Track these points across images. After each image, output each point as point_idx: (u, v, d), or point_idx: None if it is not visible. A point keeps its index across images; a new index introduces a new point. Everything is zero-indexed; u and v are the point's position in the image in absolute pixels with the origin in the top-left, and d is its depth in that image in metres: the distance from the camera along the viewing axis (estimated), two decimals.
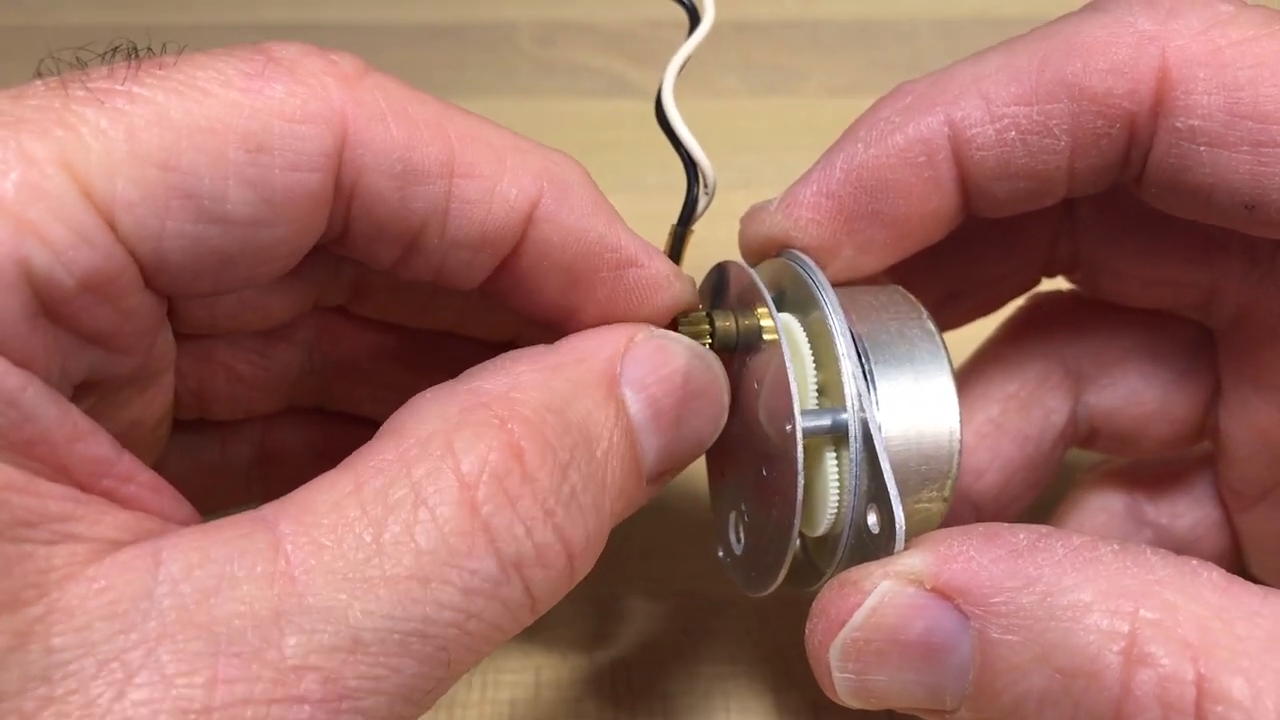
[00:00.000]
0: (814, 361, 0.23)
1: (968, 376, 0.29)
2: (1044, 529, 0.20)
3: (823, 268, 0.24)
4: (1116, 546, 0.19)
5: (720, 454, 0.25)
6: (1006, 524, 0.20)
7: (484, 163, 0.21)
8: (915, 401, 0.22)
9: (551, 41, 0.54)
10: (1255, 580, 0.26)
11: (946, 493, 0.23)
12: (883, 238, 0.24)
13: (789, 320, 0.24)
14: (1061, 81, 0.22)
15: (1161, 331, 0.28)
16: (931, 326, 0.23)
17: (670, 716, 0.29)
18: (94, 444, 0.18)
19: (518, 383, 0.20)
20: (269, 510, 0.18)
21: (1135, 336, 0.28)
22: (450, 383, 0.20)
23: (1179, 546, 0.29)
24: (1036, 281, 0.29)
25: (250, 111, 0.19)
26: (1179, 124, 0.22)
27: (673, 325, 0.24)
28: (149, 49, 0.20)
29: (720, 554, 0.26)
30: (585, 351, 0.21)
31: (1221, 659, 0.17)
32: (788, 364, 0.22)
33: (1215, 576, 0.18)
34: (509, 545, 0.18)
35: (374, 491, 0.18)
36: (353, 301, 0.26)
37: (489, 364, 0.21)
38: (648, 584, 0.32)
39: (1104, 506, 0.30)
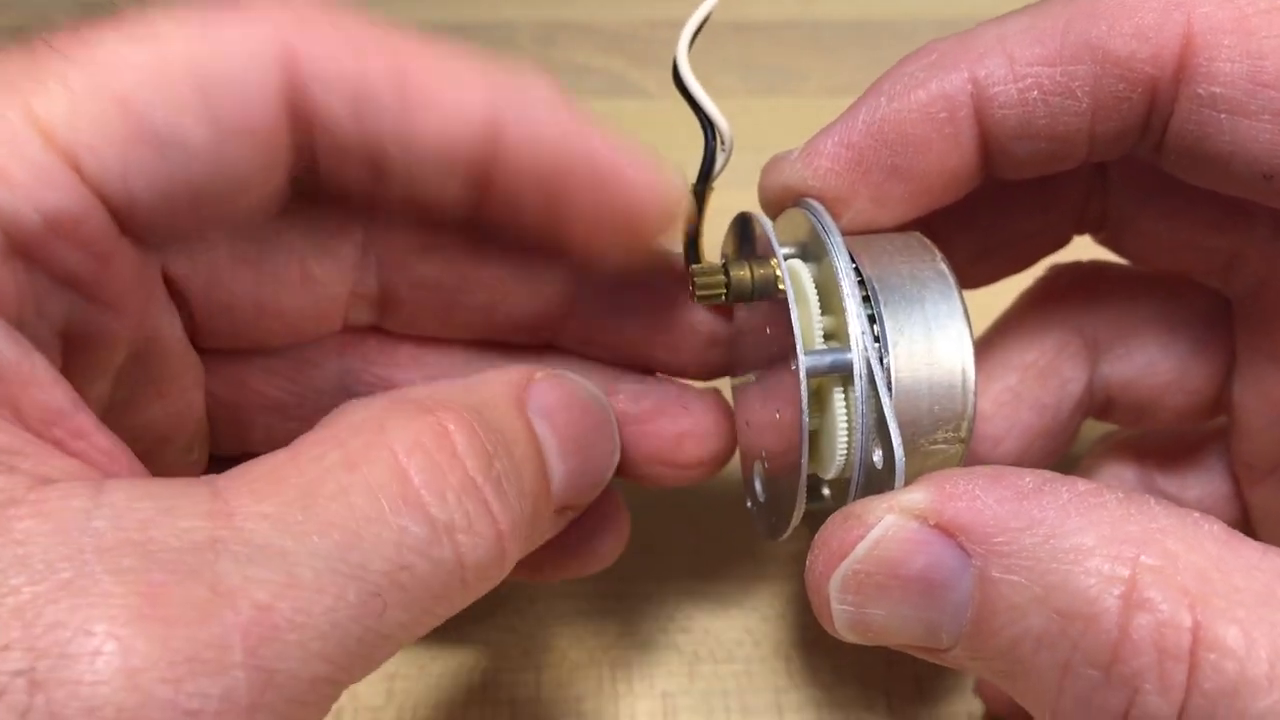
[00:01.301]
0: (820, 306, 0.23)
1: (986, 346, 0.29)
2: (1050, 474, 0.20)
3: (838, 218, 0.24)
4: (1121, 494, 0.19)
5: (743, 405, 0.26)
6: (1013, 467, 0.20)
7: (436, 78, 0.21)
8: (925, 339, 0.22)
9: (551, 41, 0.54)
10: None
11: (963, 433, 0.23)
12: (900, 192, 0.24)
13: (798, 266, 0.24)
14: (1086, 44, 0.22)
15: (1179, 302, 0.28)
16: (945, 268, 0.23)
17: (670, 716, 0.29)
18: (51, 393, 0.19)
19: (437, 389, 0.21)
20: (210, 477, 0.18)
21: (1153, 307, 0.29)
22: (375, 395, 0.21)
23: None
24: (1068, 239, 0.29)
25: (202, 49, 0.20)
26: (1200, 90, 0.22)
27: (689, 272, 0.24)
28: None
29: (748, 504, 0.26)
30: (492, 376, 0.23)
31: (1218, 608, 0.17)
32: (791, 306, 0.22)
33: (1216, 529, 0.18)
34: (440, 511, 0.19)
35: (310, 459, 0.18)
36: (381, 315, 0.26)
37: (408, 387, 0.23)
38: (648, 584, 0.32)
39: (1115, 475, 0.30)
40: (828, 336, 0.23)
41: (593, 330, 0.27)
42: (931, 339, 0.22)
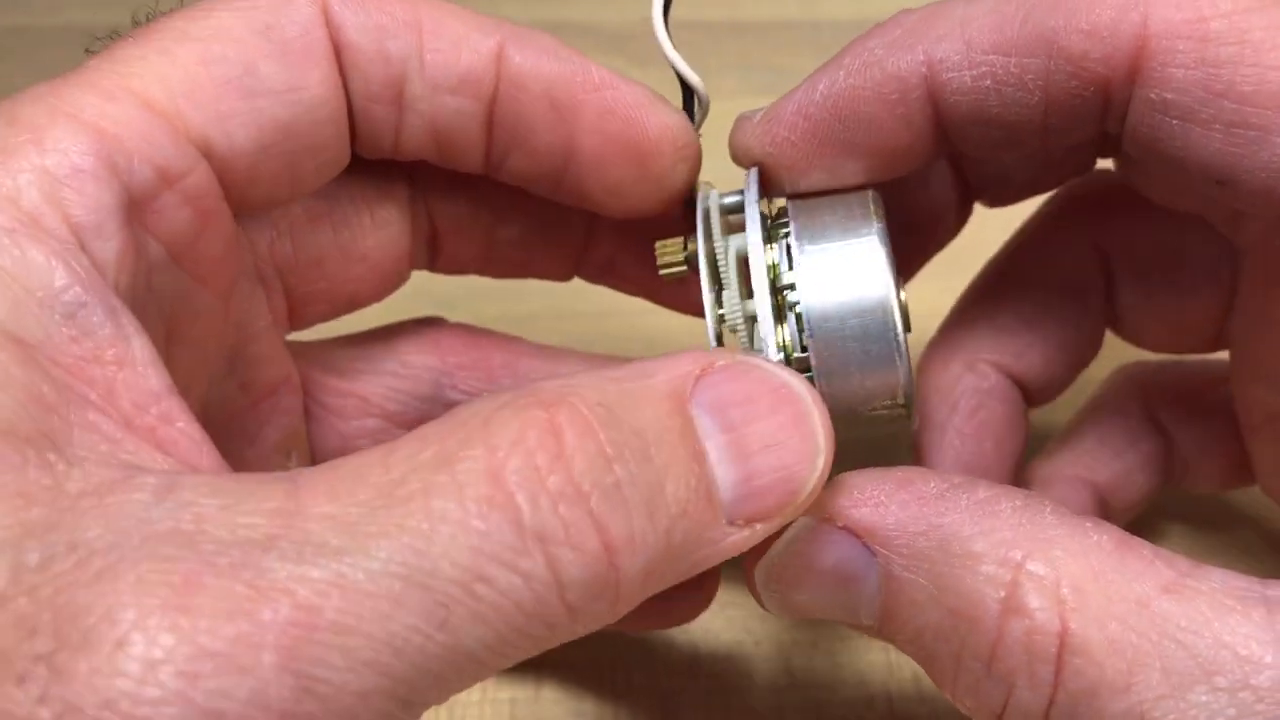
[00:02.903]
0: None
1: (1005, 264, 0.30)
2: (958, 479, 0.21)
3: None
4: (1019, 503, 0.20)
5: None
6: (923, 471, 0.21)
7: (448, 21, 0.24)
8: (848, 311, 0.22)
9: None
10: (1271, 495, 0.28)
11: (901, 399, 0.22)
12: (853, 167, 0.24)
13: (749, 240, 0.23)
14: (1040, 37, 0.22)
15: (1191, 236, 0.28)
16: (876, 232, 0.23)
17: (670, 716, 0.29)
18: (146, 376, 0.19)
19: (572, 383, 0.19)
20: (296, 470, 0.18)
21: (1164, 237, 0.29)
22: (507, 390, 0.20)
23: (1191, 456, 0.31)
24: (1093, 164, 0.29)
25: (254, 9, 0.22)
26: (1153, 95, 0.22)
27: (684, 222, 0.25)
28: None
29: None
30: (653, 368, 0.20)
31: (1090, 616, 0.19)
32: (705, 292, 0.23)
33: (1105, 539, 0.20)
34: (530, 515, 0.16)
35: (402, 457, 0.17)
36: (432, 257, 0.28)
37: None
38: None
39: (1120, 409, 0.31)
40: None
41: (620, 264, 0.29)
42: (858, 306, 0.22)
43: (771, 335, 0.22)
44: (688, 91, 0.25)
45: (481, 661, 0.17)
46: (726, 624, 0.31)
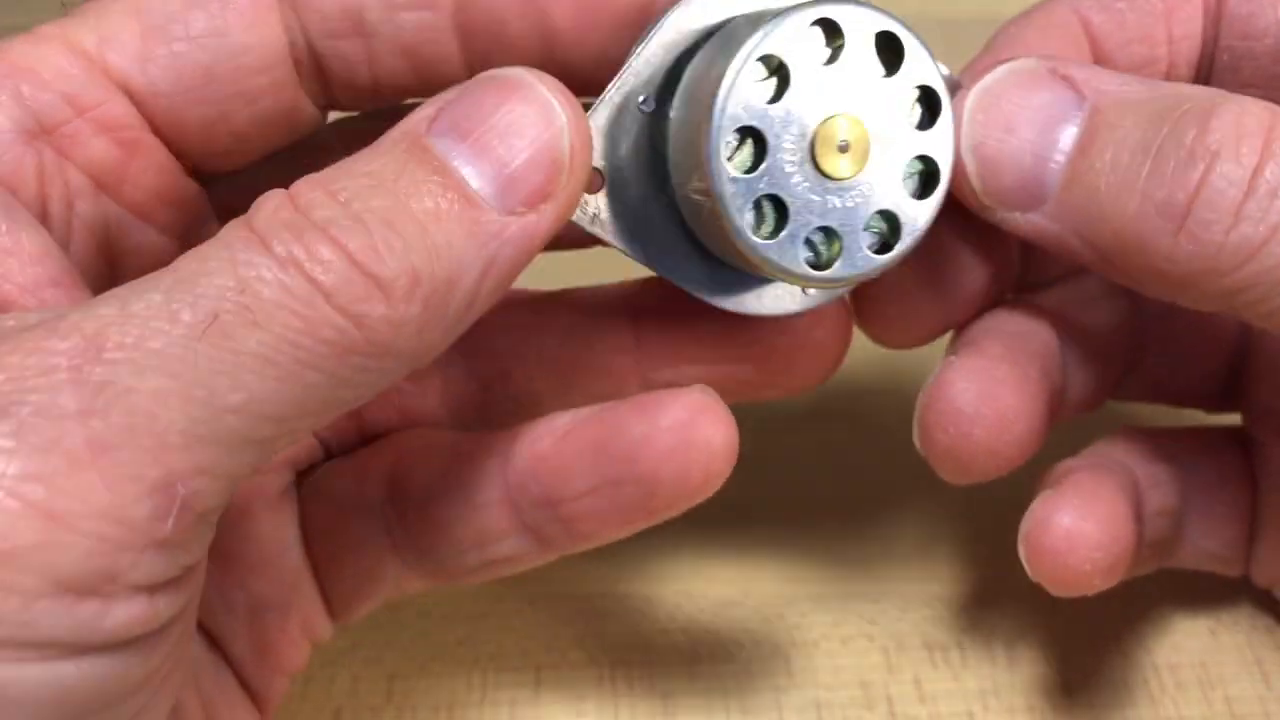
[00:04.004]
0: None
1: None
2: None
3: None
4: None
5: None
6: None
7: None
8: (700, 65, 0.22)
9: None
10: None
11: (708, 184, 0.22)
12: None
13: None
14: None
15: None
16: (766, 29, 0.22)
17: (670, 716, 0.29)
18: (40, 263, 0.21)
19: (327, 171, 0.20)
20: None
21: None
22: None
23: None
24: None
25: None
26: None
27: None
28: None
29: None
30: (392, 129, 0.21)
31: None
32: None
33: None
34: (278, 245, 0.18)
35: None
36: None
37: None
38: (648, 584, 0.32)
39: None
40: None
41: None
42: (694, 96, 0.22)
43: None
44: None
45: (280, 370, 0.18)
46: (727, 625, 0.31)
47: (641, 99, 0.23)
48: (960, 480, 0.25)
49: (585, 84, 0.24)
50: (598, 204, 0.24)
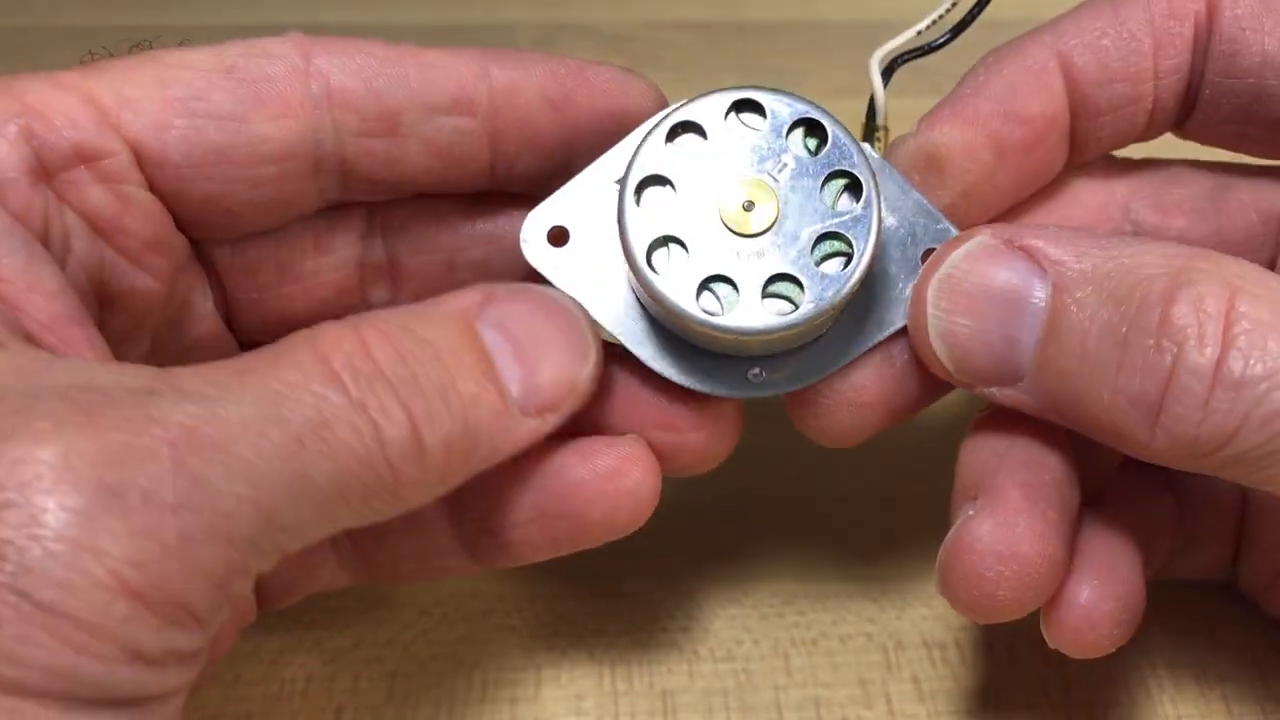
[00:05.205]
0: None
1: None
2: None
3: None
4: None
5: None
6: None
7: (427, 54, 0.26)
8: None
9: (551, 41, 0.54)
10: None
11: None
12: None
13: None
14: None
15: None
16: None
17: (670, 716, 0.29)
18: (57, 300, 0.22)
19: (372, 313, 0.22)
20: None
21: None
22: None
23: None
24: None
25: (228, 51, 0.25)
26: (1227, 14, 0.26)
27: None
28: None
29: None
30: (444, 298, 0.24)
31: (1252, 294, 0.21)
32: None
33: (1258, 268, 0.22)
34: (354, 387, 0.20)
35: (242, 357, 0.21)
36: (394, 289, 0.29)
37: None
38: (648, 582, 0.32)
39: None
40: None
41: None
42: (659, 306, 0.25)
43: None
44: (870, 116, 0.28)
45: (327, 498, 0.20)
46: (727, 624, 0.31)
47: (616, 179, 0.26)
48: (984, 623, 0.27)
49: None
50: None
